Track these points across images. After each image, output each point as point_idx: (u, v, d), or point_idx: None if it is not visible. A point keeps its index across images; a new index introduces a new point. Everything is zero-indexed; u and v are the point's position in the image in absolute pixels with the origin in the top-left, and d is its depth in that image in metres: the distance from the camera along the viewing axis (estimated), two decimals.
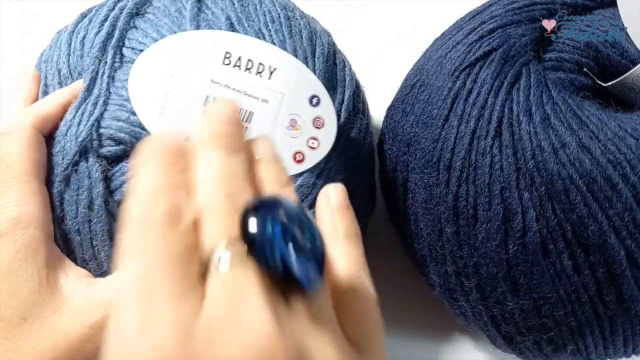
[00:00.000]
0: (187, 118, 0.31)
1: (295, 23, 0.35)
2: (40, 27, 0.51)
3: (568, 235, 0.29)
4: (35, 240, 0.28)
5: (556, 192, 0.29)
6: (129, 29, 0.33)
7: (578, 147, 0.29)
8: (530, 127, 0.30)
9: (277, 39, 0.33)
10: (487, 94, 0.31)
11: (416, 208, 0.35)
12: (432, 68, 0.35)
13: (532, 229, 0.30)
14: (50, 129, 0.31)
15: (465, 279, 0.33)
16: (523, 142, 0.30)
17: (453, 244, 0.33)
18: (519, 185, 0.30)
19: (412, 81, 0.37)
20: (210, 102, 0.32)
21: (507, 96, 0.31)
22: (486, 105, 0.31)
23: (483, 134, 0.31)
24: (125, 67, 0.32)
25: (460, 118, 0.32)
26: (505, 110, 0.31)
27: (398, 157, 0.36)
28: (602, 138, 0.29)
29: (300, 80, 0.33)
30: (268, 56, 0.32)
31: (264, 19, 0.34)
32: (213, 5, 0.34)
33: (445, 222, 0.33)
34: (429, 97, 0.34)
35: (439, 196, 0.33)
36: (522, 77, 0.31)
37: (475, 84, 0.32)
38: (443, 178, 0.32)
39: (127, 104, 0.31)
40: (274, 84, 0.32)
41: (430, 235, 0.34)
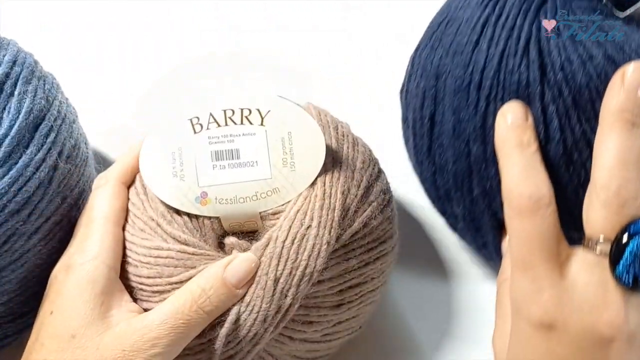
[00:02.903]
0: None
1: None
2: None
3: (592, 144, 0.30)
4: (99, 271, 0.32)
5: (583, 102, 0.31)
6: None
7: (604, 59, 0.31)
8: (559, 42, 0.31)
9: None
10: (516, 16, 0.33)
11: (443, 139, 0.36)
12: (459, 3, 0.37)
13: (555, 139, 0.32)
14: (131, 179, 0.36)
15: (493, 199, 0.34)
16: (552, 56, 0.31)
17: (480, 164, 0.34)
18: (544, 99, 0.32)
19: (439, 20, 0.38)
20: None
21: (535, 17, 0.33)
22: (515, 27, 0.33)
23: (512, 53, 0.32)
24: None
25: (490, 41, 0.33)
26: (533, 30, 0.32)
27: (426, 91, 0.37)
28: (627, 50, 0.30)
29: None
30: None
31: None
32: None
33: (473, 143, 0.34)
34: (458, 28, 0.36)
35: (467, 119, 0.34)
36: (548, 1, 0.33)
37: (504, 9, 0.33)
38: (472, 100, 0.34)
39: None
40: None
41: (456, 164, 0.36)
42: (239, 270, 0.32)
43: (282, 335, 0.34)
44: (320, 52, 0.50)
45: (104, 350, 0.31)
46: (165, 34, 0.51)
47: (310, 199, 0.33)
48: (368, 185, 0.36)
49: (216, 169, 0.34)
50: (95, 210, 0.35)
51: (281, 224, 0.33)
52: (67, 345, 0.31)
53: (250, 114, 0.34)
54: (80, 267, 0.33)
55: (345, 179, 0.35)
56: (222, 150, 0.34)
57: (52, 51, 0.49)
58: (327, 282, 0.34)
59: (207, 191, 0.34)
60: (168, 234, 0.34)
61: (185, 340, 0.31)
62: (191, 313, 0.31)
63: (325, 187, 0.34)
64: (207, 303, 0.31)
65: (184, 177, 0.33)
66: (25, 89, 0.34)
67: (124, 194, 0.35)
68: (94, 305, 0.32)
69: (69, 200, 0.36)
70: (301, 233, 0.32)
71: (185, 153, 0.34)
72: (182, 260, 0.33)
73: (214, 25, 0.52)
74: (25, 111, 0.34)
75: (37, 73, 0.36)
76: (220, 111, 0.34)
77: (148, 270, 0.33)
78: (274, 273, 0.32)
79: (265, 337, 0.32)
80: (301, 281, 0.32)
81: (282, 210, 0.34)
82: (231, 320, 0.32)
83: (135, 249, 0.34)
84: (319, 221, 0.33)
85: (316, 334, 0.35)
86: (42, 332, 0.32)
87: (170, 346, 0.31)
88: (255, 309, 0.32)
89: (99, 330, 0.31)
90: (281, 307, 0.32)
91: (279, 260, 0.32)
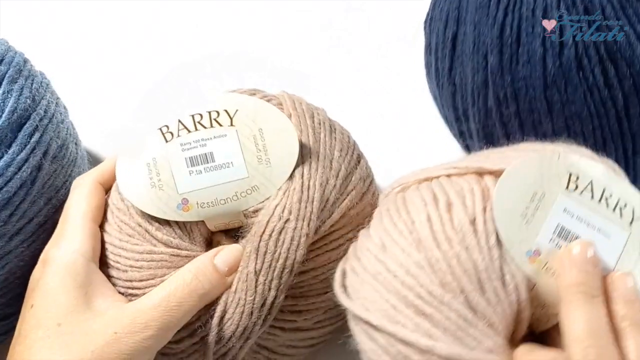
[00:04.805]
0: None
1: None
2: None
3: (601, 51, 0.34)
4: (78, 263, 0.33)
5: (594, 9, 0.34)
6: None
7: None
8: None
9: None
10: None
11: (463, 57, 0.39)
12: None
13: (568, 45, 0.35)
14: (108, 180, 0.37)
15: (505, 108, 0.38)
16: None
17: (496, 74, 0.37)
18: (560, 8, 0.35)
19: None
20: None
21: None
22: None
23: None
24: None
25: None
26: None
27: (449, 13, 0.40)
28: None
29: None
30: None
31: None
32: None
33: (490, 54, 0.37)
34: None
35: (486, 32, 0.37)
36: None
37: None
38: (492, 14, 0.37)
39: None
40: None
41: (474, 78, 0.38)
42: (227, 257, 0.33)
43: (273, 327, 0.35)
44: (320, 52, 0.51)
45: (94, 335, 0.31)
46: (165, 34, 0.53)
47: (289, 192, 0.34)
48: (347, 174, 0.36)
49: (193, 174, 0.35)
50: (72, 208, 0.35)
51: (260, 219, 0.34)
52: (53, 332, 0.31)
53: (219, 116, 0.35)
54: (58, 260, 0.33)
55: (324, 170, 0.35)
56: (196, 155, 0.35)
57: (52, 52, 0.51)
58: (311, 271, 0.35)
59: (188, 197, 0.35)
60: (158, 239, 0.35)
61: (177, 324, 0.32)
62: (184, 296, 0.32)
63: (304, 180, 0.34)
64: (200, 287, 0.32)
65: (162, 186, 0.35)
66: (10, 88, 0.35)
67: (100, 193, 0.36)
68: (77, 295, 0.32)
69: (53, 202, 0.37)
70: (279, 227, 0.33)
71: (160, 163, 0.35)
72: (174, 262, 0.34)
73: (213, 25, 0.53)
74: (8, 110, 0.34)
75: (25, 72, 0.36)
76: (189, 117, 0.35)
77: (140, 273, 0.34)
78: (253, 266, 0.33)
79: (255, 330, 0.33)
80: (282, 273, 0.33)
81: (263, 207, 0.35)
82: (219, 312, 0.33)
83: (124, 254, 0.35)
84: (297, 214, 0.33)
85: (307, 322, 0.36)
86: (23, 325, 0.32)
87: (162, 329, 0.31)
88: (241, 302, 0.33)
89: (86, 317, 0.31)
90: (266, 300, 0.33)
91: (257, 254, 0.33)
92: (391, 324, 0.28)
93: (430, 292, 0.28)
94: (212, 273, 0.33)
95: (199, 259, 0.33)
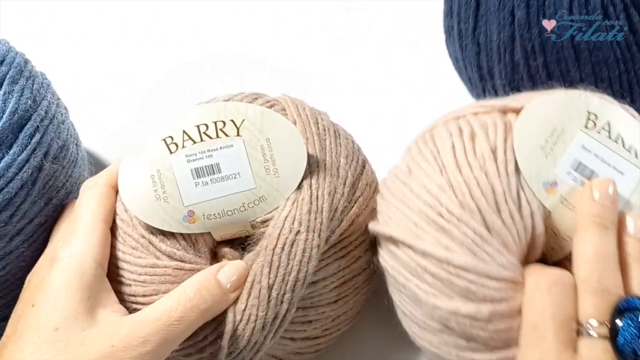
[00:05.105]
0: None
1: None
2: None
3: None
4: (86, 265, 0.32)
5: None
6: None
7: None
8: None
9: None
10: None
11: (488, 15, 0.40)
12: None
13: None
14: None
15: (533, 60, 0.38)
16: None
17: (523, 28, 0.38)
18: None
19: None
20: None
21: None
22: None
23: None
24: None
25: None
26: None
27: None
28: None
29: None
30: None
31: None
32: None
33: (517, 9, 0.37)
34: None
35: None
36: None
37: None
38: None
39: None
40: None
41: (500, 34, 0.39)
42: (231, 273, 0.33)
43: (283, 338, 0.35)
44: (321, 52, 0.50)
45: (90, 346, 0.29)
46: (166, 35, 0.52)
47: (298, 203, 0.34)
48: (354, 181, 0.36)
49: (199, 186, 0.34)
50: (84, 208, 0.34)
51: (270, 232, 0.33)
52: (48, 337, 0.30)
53: (225, 126, 0.34)
54: (67, 260, 0.32)
55: (331, 179, 0.35)
56: (202, 166, 0.34)
57: (53, 52, 0.50)
58: (321, 281, 0.34)
59: (194, 209, 0.34)
60: (162, 252, 0.34)
61: (176, 341, 0.31)
62: (185, 310, 0.31)
63: (312, 190, 0.34)
64: (202, 302, 0.31)
65: (167, 199, 0.34)
66: (11, 89, 0.34)
67: (112, 197, 0.35)
68: (80, 299, 0.31)
69: (54, 202, 0.36)
70: (290, 239, 0.33)
71: (164, 175, 0.34)
72: (178, 276, 0.34)
73: (214, 25, 0.52)
74: (9, 111, 0.34)
75: (26, 73, 0.36)
76: (194, 127, 0.34)
77: (143, 288, 0.33)
78: (267, 281, 0.32)
79: (265, 344, 0.33)
80: (295, 286, 0.33)
81: (272, 217, 0.34)
82: (229, 330, 0.32)
83: (128, 267, 0.34)
84: (307, 225, 0.33)
85: (316, 331, 0.36)
86: (20, 324, 0.31)
87: (161, 345, 0.30)
88: (252, 318, 0.33)
89: (84, 325, 0.30)
90: (278, 314, 0.33)
91: (270, 268, 0.33)
92: (412, 238, 0.31)
93: (450, 211, 0.30)
94: (215, 288, 0.32)
95: (202, 274, 0.33)
